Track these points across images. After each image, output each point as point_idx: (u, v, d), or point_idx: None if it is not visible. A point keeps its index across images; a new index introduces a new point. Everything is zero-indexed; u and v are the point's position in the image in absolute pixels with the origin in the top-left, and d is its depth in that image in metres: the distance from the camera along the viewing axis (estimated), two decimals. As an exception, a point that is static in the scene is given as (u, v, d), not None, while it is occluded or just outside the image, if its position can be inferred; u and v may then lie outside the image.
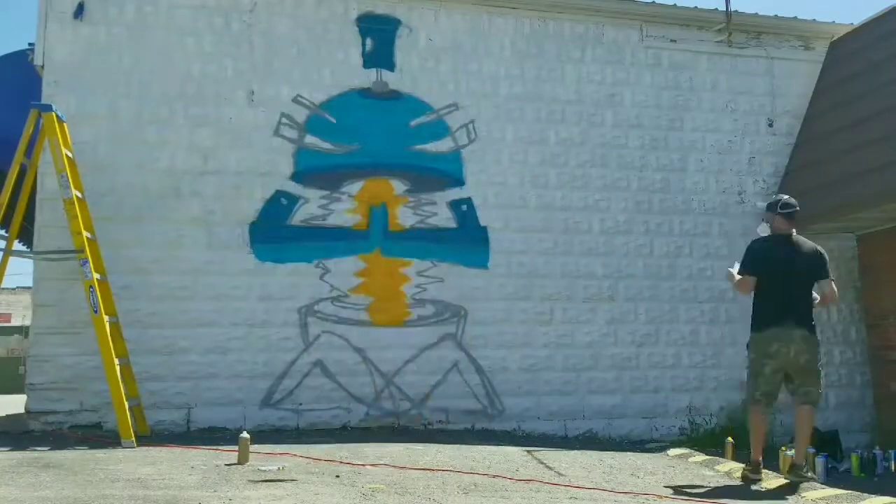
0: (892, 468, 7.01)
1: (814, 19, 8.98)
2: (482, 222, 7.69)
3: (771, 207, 5.59)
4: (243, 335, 6.97)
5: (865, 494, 5.00)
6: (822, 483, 5.73)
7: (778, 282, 5.40)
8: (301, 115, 7.38)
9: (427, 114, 7.70)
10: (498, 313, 7.60)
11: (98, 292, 6.01)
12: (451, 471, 5.08)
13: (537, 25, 8.13)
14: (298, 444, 5.89)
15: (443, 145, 7.70)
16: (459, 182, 7.69)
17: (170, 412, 6.72)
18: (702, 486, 5.24)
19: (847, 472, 6.82)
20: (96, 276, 6.11)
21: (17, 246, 7.21)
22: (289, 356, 7.05)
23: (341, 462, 5.18)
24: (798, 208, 5.56)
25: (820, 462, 6.46)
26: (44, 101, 6.66)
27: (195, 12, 7.26)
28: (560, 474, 5.28)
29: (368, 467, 5.05)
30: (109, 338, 5.91)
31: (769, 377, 5.45)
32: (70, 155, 6.41)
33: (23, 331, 23.96)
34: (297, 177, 7.31)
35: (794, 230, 5.54)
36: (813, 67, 8.91)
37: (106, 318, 6.00)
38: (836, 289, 5.54)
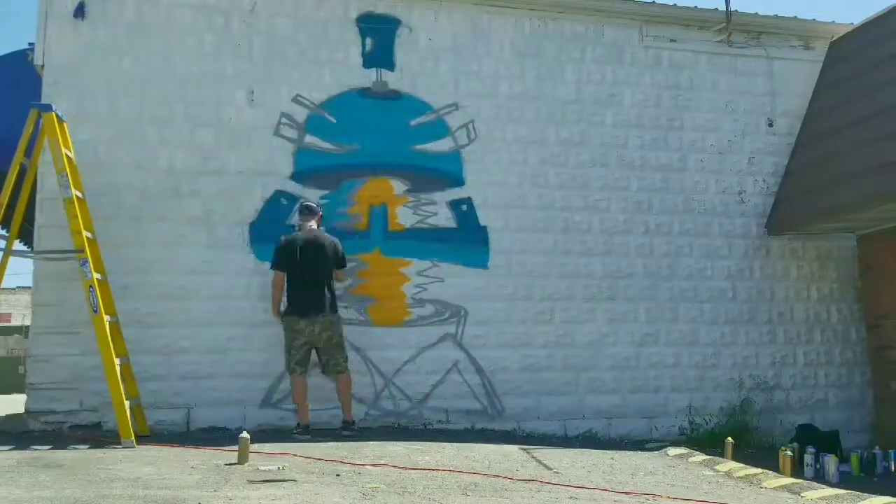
0: (892, 468, 7.01)
1: (814, 19, 8.98)
2: (482, 222, 7.69)
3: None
4: (243, 335, 6.96)
5: (865, 494, 5.01)
6: (833, 483, 5.75)
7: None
8: (301, 114, 7.38)
9: (427, 114, 7.70)
10: (498, 313, 7.60)
11: (98, 292, 6.01)
12: (451, 471, 5.08)
13: (537, 25, 8.13)
14: (298, 444, 5.90)
15: (443, 145, 7.70)
16: (459, 182, 7.69)
17: (170, 412, 6.71)
18: (702, 486, 5.24)
19: (847, 472, 6.81)
20: (96, 275, 6.11)
21: (17, 246, 7.21)
22: (289, 356, 7.04)
23: (341, 462, 5.18)
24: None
25: (831, 462, 6.45)
26: (44, 101, 6.65)
27: (195, 12, 7.26)
28: (560, 474, 5.28)
29: (368, 467, 5.06)
30: (109, 337, 5.91)
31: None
32: (70, 155, 6.41)
33: (23, 331, 23.98)
34: (297, 177, 7.30)
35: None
36: (813, 67, 8.91)
37: (106, 317, 6.00)
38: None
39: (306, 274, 6.47)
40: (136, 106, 7.02)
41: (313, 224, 6.70)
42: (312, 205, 6.86)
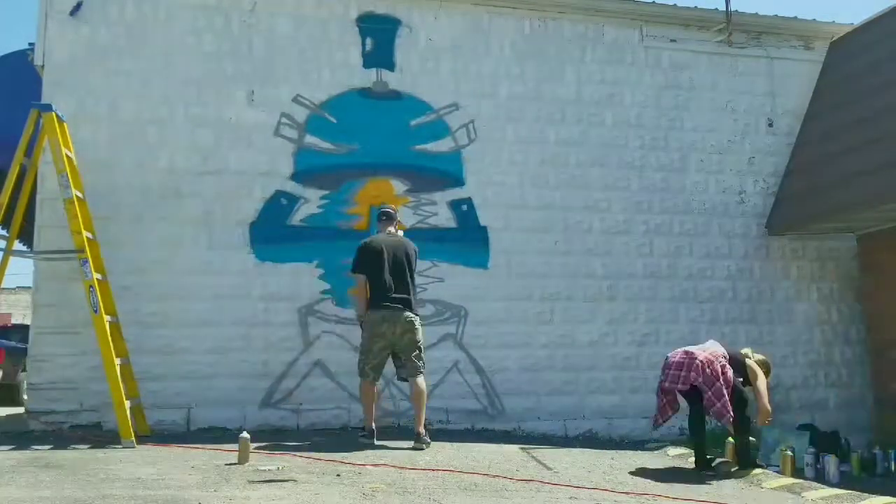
0: (892, 468, 7.01)
1: (814, 19, 8.97)
2: (482, 222, 7.69)
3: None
4: (243, 335, 6.96)
5: (865, 494, 5.02)
6: (833, 483, 5.75)
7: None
8: (301, 114, 7.38)
9: (427, 114, 7.69)
10: (498, 313, 7.59)
11: (98, 292, 6.02)
12: (451, 471, 5.08)
13: (537, 25, 8.13)
14: (299, 444, 5.90)
15: (443, 145, 7.70)
16: (459, 182, 7.69)
17: (170, 412, 6.71)
18: (702, 486, 5.24)
19: (847, 472, 6.81)
20: (96, 275, 6.12)
21: (18, 246, 7.21)
22: (289, 356, 7.04)
23: (341, 462, 5.18)
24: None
25: (831, 462, 6.45)
26: (44, 101, 6.65)
27: (195, 12, 7.26)
28: (560, 474, 5.28)
29: (368, 467, 5.06)
30: (109, 337, 5.91)
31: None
32: (70, 155, 6.41)
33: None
34: (297, 177, 7.30)
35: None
36: (813, 67, 8.91)
37: (106, 317, 6.01)
38: None
39: (390, 276, 6.15)
40: (137, 106, 7.02)
41: (392, 229, 6.50)
42: (390, 210, 6.67)
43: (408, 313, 6.13)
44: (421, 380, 6.16)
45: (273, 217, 7.18)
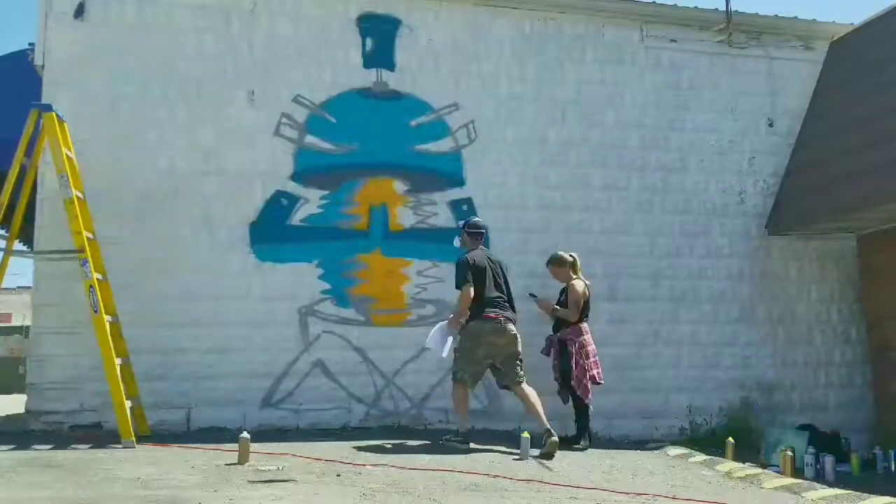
0: (892, 468, 7.01)
1: (814, 19, 8.97)
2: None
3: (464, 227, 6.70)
4: (243, 335, 6.96)
5: (865, 494, 5.02)
6: (829, 483, 5.75)
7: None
8: (301, 114, 7.38)
9: (427, 114, 7.69)
10: (498, 313, 7.58)
11: (98, 292, 6.02)
12: (451, 471, 5.08)
13: (537, 25, 8.13)
14: (299, 444, 5.90)
15: (443, 145, 7.70)
16: (459, 182, 7.69)
17: (170, 412, 6.71)
18: (702, 487, 5.24)
19: (847, 471, 6.81)
20: (96, 275, 6.12)
21: (18, 246, 7.21)
22: (289, 356, 7.05)
23: (341, 462, 5.18)
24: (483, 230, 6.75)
25: (828, 461, 6.45)
26: (44, 101, 6.65)
27: (195, 12, 7.26)
28: (560, 474, 5.28)
29: (368, 467, 5.06)
30: (109, 337, 5.91)
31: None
32: (70, 155, 6.41)
33: (23, 331, 23.97)
34: (297, 177, 7.31)
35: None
36: (813, 67, 8.91)
37: (106, 317, 6.01)
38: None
39: (496, 289, 6.50)
40: (137, 106, 7.03)
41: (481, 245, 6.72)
42: (480, 228, 6.77)
43: (512, 325, 6.47)
44: (524, 386, 6.51)
45: (273, 217, 7.18)
